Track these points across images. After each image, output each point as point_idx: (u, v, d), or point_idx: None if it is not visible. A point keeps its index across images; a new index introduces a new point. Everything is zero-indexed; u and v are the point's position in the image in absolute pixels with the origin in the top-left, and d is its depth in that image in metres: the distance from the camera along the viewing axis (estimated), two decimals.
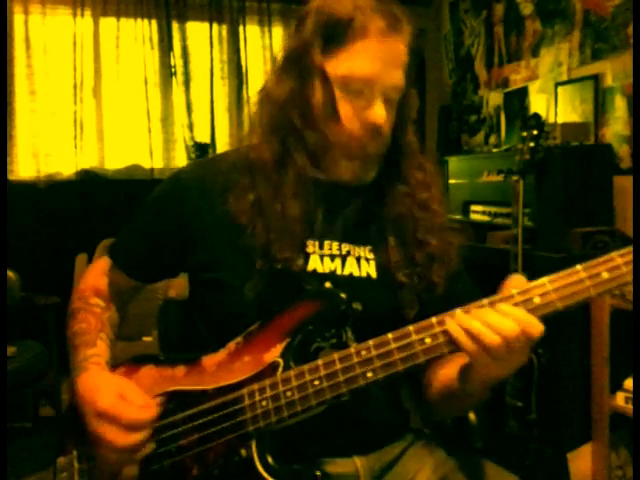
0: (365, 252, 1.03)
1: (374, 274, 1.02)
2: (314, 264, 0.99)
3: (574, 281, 0.81)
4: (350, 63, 0.93)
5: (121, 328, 1.15)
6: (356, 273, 1.01)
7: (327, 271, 0.99)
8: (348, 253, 1.02)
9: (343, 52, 0.93)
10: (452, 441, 1.15)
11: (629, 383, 2.17)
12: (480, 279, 1.09)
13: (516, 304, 0.82)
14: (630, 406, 2.15)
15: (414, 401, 1.11)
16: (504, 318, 0.80)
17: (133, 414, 0.86)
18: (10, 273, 3.00)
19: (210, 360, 0.95)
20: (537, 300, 0.81)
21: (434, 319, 0.84)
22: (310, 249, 1.00)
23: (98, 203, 3.58)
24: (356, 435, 1.01)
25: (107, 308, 1.11)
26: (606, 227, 2.46)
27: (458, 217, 3.05)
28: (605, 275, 0.80)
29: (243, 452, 0.88)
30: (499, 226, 2.78)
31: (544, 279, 0.82)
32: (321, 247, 1.00)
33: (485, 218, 2.94)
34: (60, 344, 1.16)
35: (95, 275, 1.14)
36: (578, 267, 0.81)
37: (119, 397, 0.88)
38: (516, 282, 0.84)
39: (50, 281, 3.10)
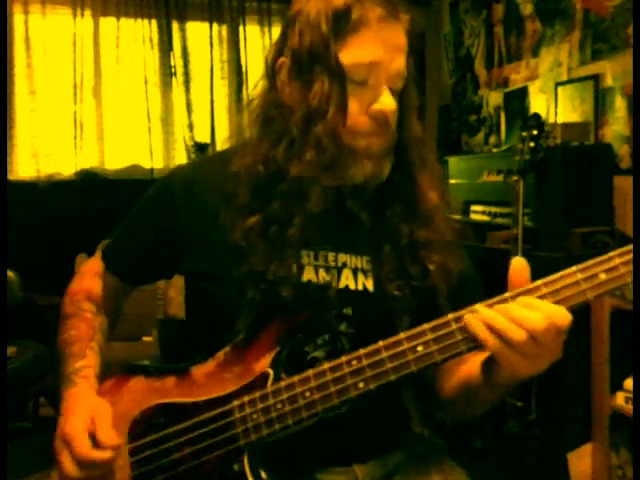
0: (362, 263, 0.99)
1: (371, 287, 0.98)
2: (309, 275, 0.95)
3: (571, 283, 0.77)
4: (355, 52, 0.91)
5: (121, 328, 1.14)
6: (352, 286, 0.97)
7: (322, 282, 0.96)
8: (344, 265, 0.97)
9: (347, 42, 0.91)
10: (452, 442, 1.14)
11: (629, 383, 2.17)
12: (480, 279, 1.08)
13: (541, 296, 0.77)
14: (630, 406, 2.14)
15: (417, 402, 1.09)
16: (530, 311, 0.76)
17: (86, 452, 0.84)
18: (10, 273, 3.00)
19: (199, 370, 0.93)
20: None
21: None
22: (305, 260, 0.96)
23: (98, 203, 3.58)
24: (355, 442, 0.98)
25: (99, 313, 1.09)
26: (606, 227, 2.46)
27: (458, 217, 3.05)
28: (603, 276, 0.76)
29: (236, 467, 0.86)
30: (499, 226, 2.78)
31: (539, 282, 0.79)
32: (316, 258, 0.97)
33: (485, 218, 2.94)
34: None
35: (88, 277, 1.12)
36: (574, 268, 0.78)
37: (87, 426, 0.86)
38: (519, 266, 0.80)
39: (50, 281, 3.08)
